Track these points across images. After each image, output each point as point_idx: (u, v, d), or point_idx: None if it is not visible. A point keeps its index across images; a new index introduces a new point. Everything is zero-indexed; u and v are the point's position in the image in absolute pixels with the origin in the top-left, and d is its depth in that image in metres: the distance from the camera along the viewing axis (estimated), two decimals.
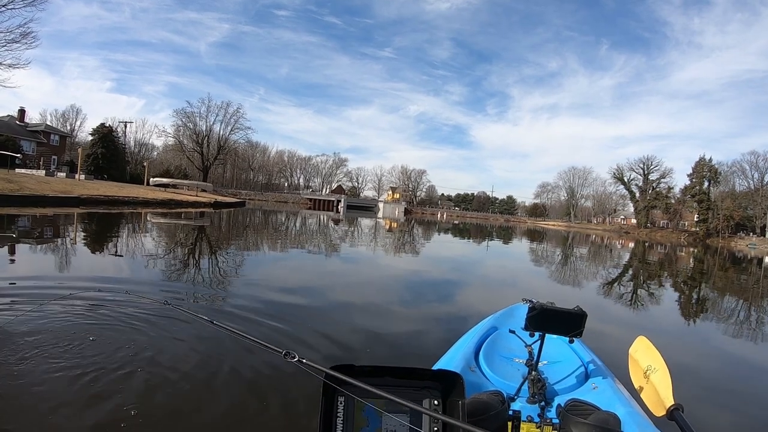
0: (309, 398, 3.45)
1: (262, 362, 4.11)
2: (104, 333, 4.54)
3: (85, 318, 4.93)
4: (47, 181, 27.94)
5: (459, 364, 2.63)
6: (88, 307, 5.27)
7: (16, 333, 4.27)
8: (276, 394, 3.63)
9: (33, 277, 6.90)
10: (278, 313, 6.01)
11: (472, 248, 23.68)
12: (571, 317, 2.17)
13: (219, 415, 3.25)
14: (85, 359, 3.85)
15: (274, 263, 11.76)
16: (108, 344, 4.25)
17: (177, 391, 3.53)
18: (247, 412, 3.33)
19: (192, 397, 3.50)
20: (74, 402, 3.18)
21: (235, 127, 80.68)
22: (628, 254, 31.45)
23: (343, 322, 6.06)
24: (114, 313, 5.14)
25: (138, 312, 5.20)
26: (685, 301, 12.04)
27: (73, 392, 3.30)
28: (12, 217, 15.68)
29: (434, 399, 1.10)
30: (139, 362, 3.94)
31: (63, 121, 78.49)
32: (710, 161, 76.82)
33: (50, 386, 3.35)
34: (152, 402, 3.32)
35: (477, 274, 13.23)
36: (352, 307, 7.07)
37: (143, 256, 10.19)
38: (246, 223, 27.41)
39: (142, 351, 4.19)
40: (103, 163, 53.96)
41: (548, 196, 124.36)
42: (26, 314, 4.79)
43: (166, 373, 3.79)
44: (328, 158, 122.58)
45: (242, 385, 3.76)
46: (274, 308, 6.31)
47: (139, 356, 4.07)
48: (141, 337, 4.53)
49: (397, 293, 8.82)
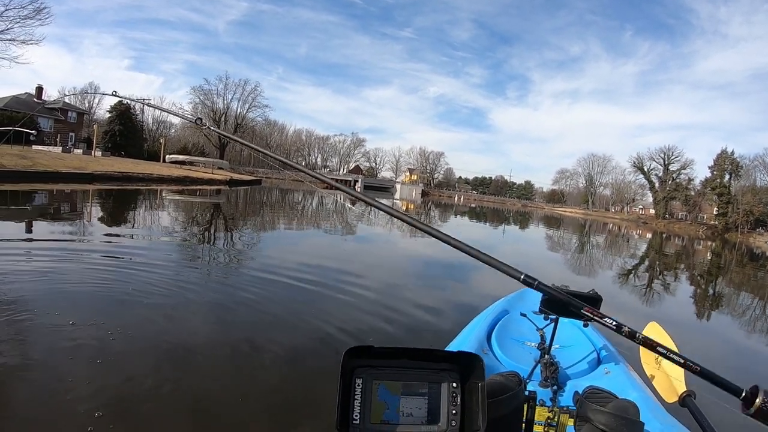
0: (327, 378, 3.38)
1: (279, 342, 4.20)
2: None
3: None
4: (62, 157, 28.18)
5: (472, 346, 2.62)
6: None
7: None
8: (293, 374, 3.70)
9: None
10: (290, 293, 6.10)
11: (487, 232, 23.58)
12: (587, 301, 2.11)
13: (237, 392, 3.28)
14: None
15: (285, 241, 11.79)
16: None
17: (191, 367, 3.62)
18: (262, 393, 3.37)
19: (208, 372, 3.58)
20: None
21: (252, 105, 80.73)
22: (644, 245, 31.11)
23: (353, 302, 6.06)
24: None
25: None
26: (698, 293, 11.93)
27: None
28: (16, 193, 15.66)
29: (453, 381, 1.08)
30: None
31: (81, 99, 78.93)
32: (732, 154, 74.91)
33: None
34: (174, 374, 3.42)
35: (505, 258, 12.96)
36: (365, 287, 7.01)
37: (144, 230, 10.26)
38: (262, 201, 27.54)
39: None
40: (121, 140, 54.28)
41: (566, 183, 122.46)
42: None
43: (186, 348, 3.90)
44: (346, 138, 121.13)
45: (259, 365, 3.81)
46: (286, 289, 6.36)
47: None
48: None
49: (410, 275, 8.85)
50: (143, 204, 18.06)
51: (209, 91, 77.74)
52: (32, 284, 5.07)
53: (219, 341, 4.20)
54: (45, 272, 5.57)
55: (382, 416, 1.04)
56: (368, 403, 1.02)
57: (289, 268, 7.55)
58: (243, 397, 3.22)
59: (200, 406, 3.11)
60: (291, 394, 3.42)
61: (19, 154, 22.89)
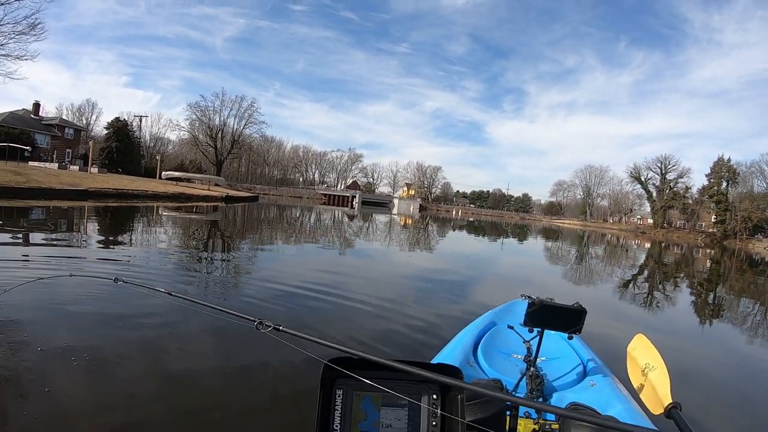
0: (307, 390, 3.27)
1: (254, 350, 4.10)
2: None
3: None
4: (56, 173, 28.23)
5: (457, 358, 2.64)
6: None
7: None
8: (271, 384, 3.60)
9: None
10: (275, 300, 6.16)
11: (485, 246, 23.54)
12: (571, 313, 2.17)
13: (223, 409, 3.20)
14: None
15: (279, 257, 11.75)
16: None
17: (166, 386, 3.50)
18: (241, 405, 3.26)
19: (188, 391, 3.45)
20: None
21: (249, 122, 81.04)
22: (643, 254, 31.03)
23: (345, 315, 6.03)
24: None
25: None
26: (696, 302, 11.79)
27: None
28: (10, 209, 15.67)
29: (433, 393, 1.09)
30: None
31: (79, 116, 79.43)
32: (729, 161, 75.28)
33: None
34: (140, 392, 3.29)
35: (490, 272, 13.09)
36: (359, 302, 6.90)
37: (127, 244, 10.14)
38: (259, 217, 27.48)
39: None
40: (118, 157, 54.18)
41: (564, 195, 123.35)
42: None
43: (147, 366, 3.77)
44: (343, 154, 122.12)
45: (233, 374, 3.71)
46: (273, 296, 6.40)
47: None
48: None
49: (404, 289, 8.69)
50: (135, 221, 17.94)
51: (206, 108, 77.91)
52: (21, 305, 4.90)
53: (196, 355, 4.08)
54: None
55: (363, 427, 1.05)
56: (349, 414, 1.03)
57: (274, 280, 7.57)
58: (220, 410, 3.14)
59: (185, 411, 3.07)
60: (269, 405, 3.35)
61: (13, 171, 22.98)
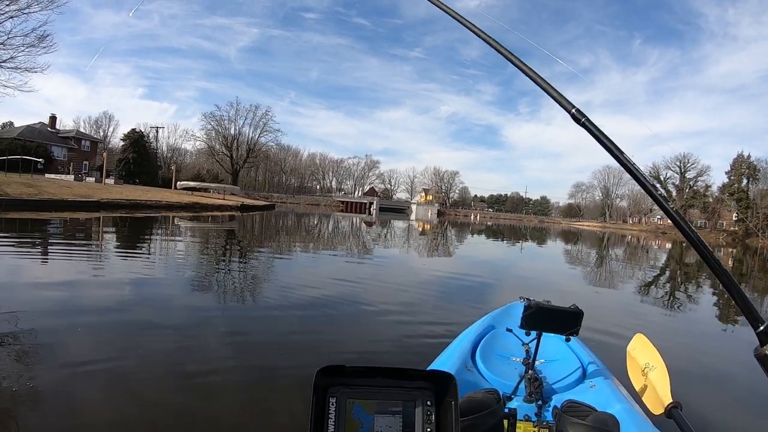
0: (299, 400, 3.35)
1: (250, 362, 4.16)
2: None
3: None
4: (70, 185, 28.76)
5: (455, 363, 2.61)
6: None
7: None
8: (264, 395, 3.60)
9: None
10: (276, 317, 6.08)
11: (503, 250, 23.41)
12: (568, 315, 2.19)
13: (205, 416, 3.20)
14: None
15: (290, 266, 11.84)
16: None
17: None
18: (232, 415, 3.20)
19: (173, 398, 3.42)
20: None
21: (264, 130, 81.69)
22: (664, 255, 30.54)
23: (363, 321, 6.10)
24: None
25: None
26: (713, 301, 11.31)
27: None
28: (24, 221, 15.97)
29: (427, 400, 1.07)
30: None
31: (96, 128, 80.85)
32: (748, 158, 74.35)
33: None
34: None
35: (510, 274, 13.14)
36: (352, 306, 6.93)
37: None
38: (276, 226, 27.61)
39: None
40: (134, 168, 55.17)
41: (583, 196, 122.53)
42: None
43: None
44: (359, 161, 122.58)
45: (227, 385, 3.69)
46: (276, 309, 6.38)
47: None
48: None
49: (419, 296, 8.42)
50: (148, 231, 18.02)
51: (220, 117, 78.80)
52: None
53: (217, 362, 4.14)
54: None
55: None
56: (342, 422, 1.02)
57: (281, 292, 7.57)
58: (210, 420, 3.14)
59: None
60: (262, 415, 3.32)
61: (25, 183, 23.46)
